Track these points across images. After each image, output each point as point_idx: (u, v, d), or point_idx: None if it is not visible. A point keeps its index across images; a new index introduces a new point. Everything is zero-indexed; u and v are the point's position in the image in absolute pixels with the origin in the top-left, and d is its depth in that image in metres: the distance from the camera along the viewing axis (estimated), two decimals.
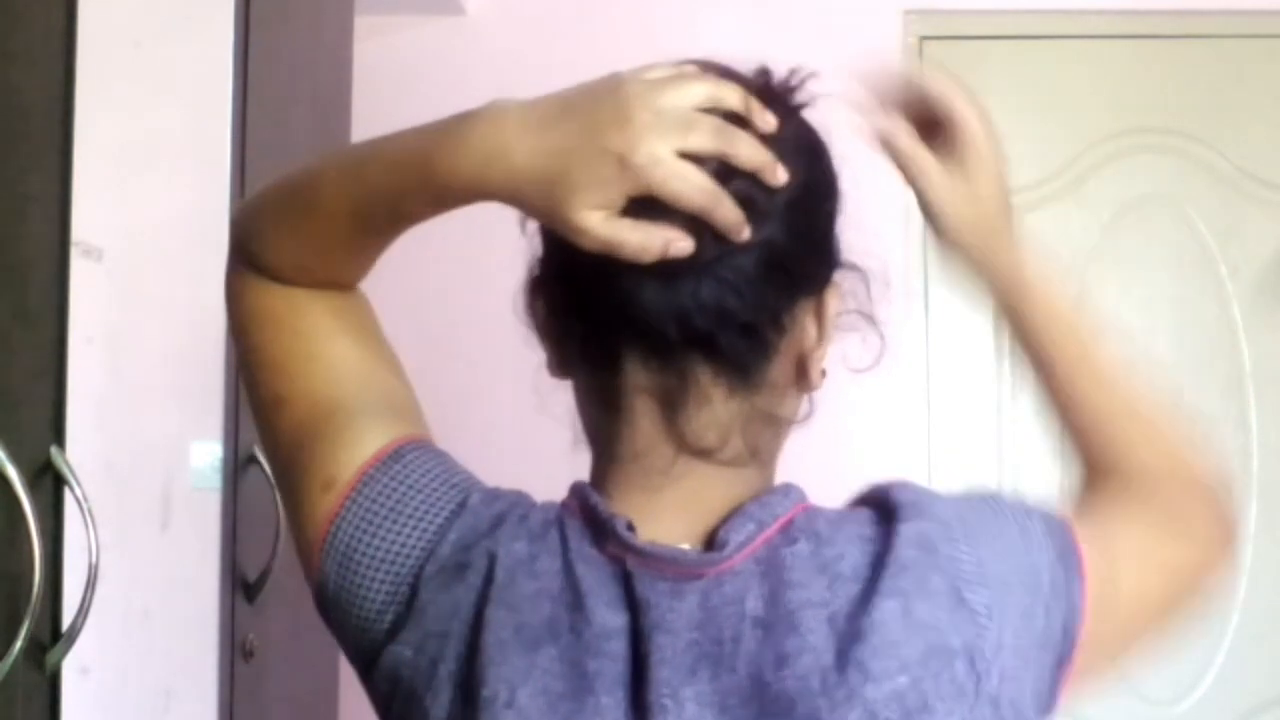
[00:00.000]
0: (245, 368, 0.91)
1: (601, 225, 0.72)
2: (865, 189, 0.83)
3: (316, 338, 0.88)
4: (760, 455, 0.82)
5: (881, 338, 0.85)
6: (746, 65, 0.81)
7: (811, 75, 0.81)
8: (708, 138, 0.73)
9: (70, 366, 1.23)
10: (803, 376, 0.82)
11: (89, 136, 1.25)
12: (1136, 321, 2.75)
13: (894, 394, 2.67)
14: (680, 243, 0.73)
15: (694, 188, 0.72)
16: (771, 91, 0.79)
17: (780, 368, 0.80)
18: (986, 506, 0.82)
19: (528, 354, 0.86)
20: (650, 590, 0.75)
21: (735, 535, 0.77)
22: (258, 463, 1.62)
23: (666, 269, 0.74)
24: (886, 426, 2.68)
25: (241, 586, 1.61)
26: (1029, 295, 0.91)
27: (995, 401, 2.76)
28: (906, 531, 0.77)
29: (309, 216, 0.86)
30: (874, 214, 0.84)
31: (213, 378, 1.54)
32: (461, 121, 0.76)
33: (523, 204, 0.76)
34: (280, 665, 1.75)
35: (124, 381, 1.37)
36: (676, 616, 0.74)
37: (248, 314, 0.90)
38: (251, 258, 0.89)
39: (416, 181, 0.79)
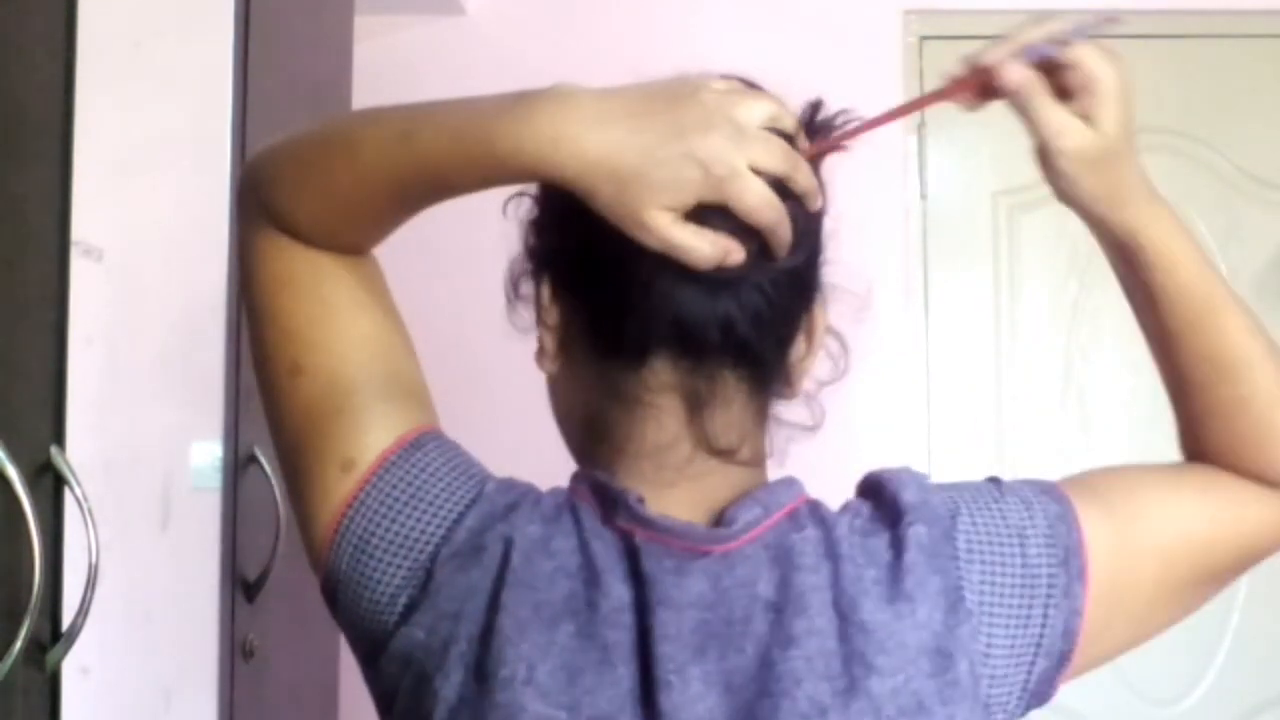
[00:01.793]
0: (258, 330, 0.88)
1: (669, 227, 0.74)
2: (867, 189, 0.84)
3: (342, 309, 0.86)
4: (767, 457, 0.85)
5: (845, 348, 0.87)
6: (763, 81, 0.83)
7: (855, 119, 0.82)
8: (778, 159, 0.76)
9: (70, 366, 1.23)
10: (787, 386, 0.85)
11: (89, 136, 1.25)
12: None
13: (894, 394, 2.67)
14: (736, 254, 0.76)
15: (766, 204, 0.75)
16: (811, 121, 0.82)
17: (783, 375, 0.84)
18: (987, 505, 0.82)
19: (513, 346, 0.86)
20: (656, 566, 0.76)
21: (743, 514, 0.79)
22: (258, 463, 1.62)
23: (709, 276, 0.76)
24: (886, 426, 2.68)
25: (241, 586, 1.61)
26: (1153, 246, 0.89)
27: (995, 401, 2.76)
28: (910, 535, 0.79)
29: (341, 178, 0.82)
30: (875, 215, 0.85)
31: (213, 378, 1.54)
32: (525, 100, 0.75)
33: (588, 191, 0.75)
34: (280, 665, 1.75)
35: (124, 381, 1.37)
36: (682, 593, 0.76)
37: (268, 275, 0.87)
38: (266, 208, 0.86)
39: (471, 156, 0.77)
